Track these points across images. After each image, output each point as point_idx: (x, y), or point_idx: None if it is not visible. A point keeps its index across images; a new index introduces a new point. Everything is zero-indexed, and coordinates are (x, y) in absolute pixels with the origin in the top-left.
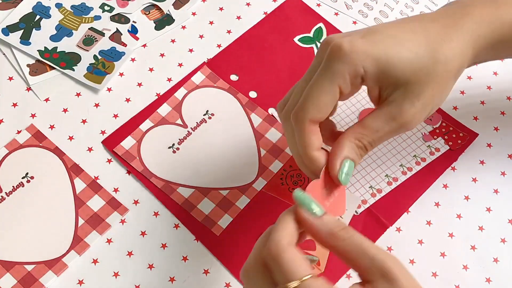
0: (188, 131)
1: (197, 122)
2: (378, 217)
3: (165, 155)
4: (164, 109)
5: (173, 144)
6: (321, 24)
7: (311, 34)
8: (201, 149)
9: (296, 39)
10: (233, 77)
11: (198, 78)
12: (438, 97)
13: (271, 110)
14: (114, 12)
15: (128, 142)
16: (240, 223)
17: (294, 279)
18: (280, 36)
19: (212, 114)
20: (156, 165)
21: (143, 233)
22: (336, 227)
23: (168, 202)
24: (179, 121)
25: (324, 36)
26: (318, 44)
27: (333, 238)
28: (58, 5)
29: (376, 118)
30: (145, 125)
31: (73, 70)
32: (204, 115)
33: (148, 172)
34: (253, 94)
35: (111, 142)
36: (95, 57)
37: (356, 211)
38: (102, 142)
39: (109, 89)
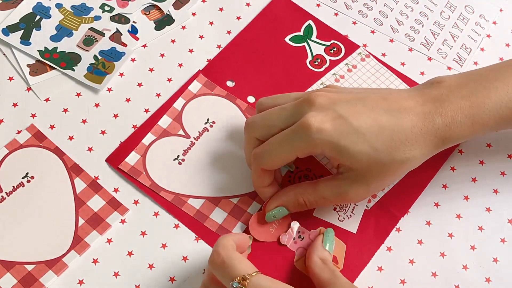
0: (191, 141)
1: (199, 132)
2: (389, 209)
3: (171, 167)
4: (164, 121)
5: (178, 156)
6: (310, 22)
7: (301, 33)
8: (207, 158)
9: (287, 39)
10: (229, 83)
11: (195, 87)
12: (388, 182)
13: None
14: (114, 13)
15: (132, 158)
16: None
17: (247, 273)
18: (271, 37)
19: (214, 122)
20: (163, 178)
21: (143, 233)
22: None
23: (181, 215)
24: (181, 132)
25: (315, 33)
26: (310, 42)
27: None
28: (58, 5)
29: (327, 186)
30: (148, 138)
31: (73, 70)
32: (205, 123)
33: (157, 186)
34: (251, 99)
35: (115, 160)
36: (95, 57)
37: (367, 206)
38: (106, 160)
39: (109, 89)
